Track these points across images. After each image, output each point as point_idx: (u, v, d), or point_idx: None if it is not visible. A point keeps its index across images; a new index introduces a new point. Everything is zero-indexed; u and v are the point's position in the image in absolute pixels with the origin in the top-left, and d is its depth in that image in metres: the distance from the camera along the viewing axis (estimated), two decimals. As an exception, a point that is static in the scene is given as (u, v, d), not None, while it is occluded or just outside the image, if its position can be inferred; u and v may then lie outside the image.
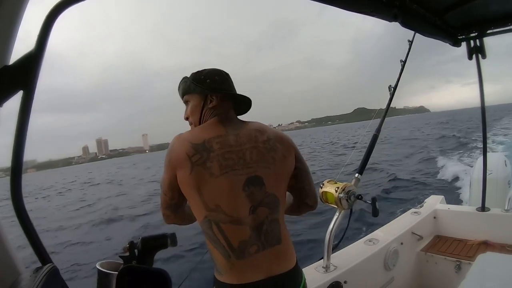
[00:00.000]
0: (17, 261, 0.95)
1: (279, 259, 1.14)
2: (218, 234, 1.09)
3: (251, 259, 1.09)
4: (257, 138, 1.17)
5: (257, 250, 1.10)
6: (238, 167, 1.11)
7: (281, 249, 1.15)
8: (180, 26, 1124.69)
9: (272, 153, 1.16)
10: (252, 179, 1.11)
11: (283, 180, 1.20)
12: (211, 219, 1.09)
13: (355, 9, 1.52)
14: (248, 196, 1.11)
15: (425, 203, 3.27)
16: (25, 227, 0.96)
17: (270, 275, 1.11)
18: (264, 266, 1.11)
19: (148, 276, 0.93)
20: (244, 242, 1.09)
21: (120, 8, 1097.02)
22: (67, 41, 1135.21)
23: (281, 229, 1.17)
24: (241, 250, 1.09)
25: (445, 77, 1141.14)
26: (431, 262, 2.67)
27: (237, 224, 1.09)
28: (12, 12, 0.83)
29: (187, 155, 1.09)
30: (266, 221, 1.13)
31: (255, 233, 1.10)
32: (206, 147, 1.10)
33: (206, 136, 1.13)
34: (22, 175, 0.95)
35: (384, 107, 2.60)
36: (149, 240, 1.07)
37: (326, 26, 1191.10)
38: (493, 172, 3.86)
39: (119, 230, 10.19)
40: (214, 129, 1.16)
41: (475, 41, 2.60)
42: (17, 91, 0.89)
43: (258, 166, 1.13)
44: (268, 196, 1.13)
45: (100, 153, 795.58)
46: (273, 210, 1.15)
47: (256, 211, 1.11)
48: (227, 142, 1.13)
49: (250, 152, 1.14)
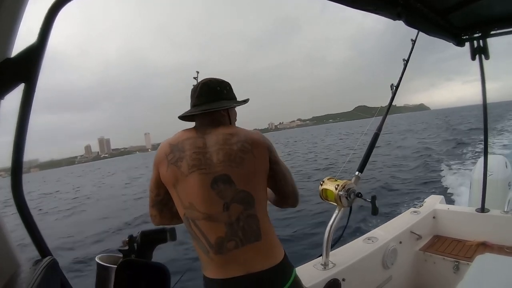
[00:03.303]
0: (16, 253, 0.95)
1: (259, 256, 1.17)
2: (196, 231, 1.17)
3: (229, 254, 1.14)
4: (226, 140, 1.22)
5: (236, 246, 1.15)
6: (204, 166, 1.18)
7: (262, 245, 1.18)
8: (182, 24, 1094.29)
9: (241, 153, 1.21)
10: (219, 178, 1.17)
11: (256, 178, 1.23)
12: (188, 216, 1.17)
13: (359, 7, 1.51)
14: (218, 193, 1.16)
15: (424, 203, 3.27)
16: (25, 220, 0.96)
17: (250, 271, 1.15)
18: (243, 262, 1.15)
19: (147, 270, 0.93)
20: (220, 238, 1.14)
21: (122, 5, 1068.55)
22: (68, 39, 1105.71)
23: (261, 225, 1.20)
24: (219, 245, 1.14)
25: (446, 74, 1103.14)
26: (430, 262, 2.68)
27: (211, 220, 1.15)
28: (14, 4, 0.82)
29: (165, 154, 1.22)
30: (241, 217, 1.16)
31: (231, 229, 1.15)
32: (179, 147, 1.21)
33: (181, 138, 1.24)
34: (22, 168, 0.95)
35: (384, 105, 2.59)
36: (148, 234, 1.07)
37: (328, 23, 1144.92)
38: (493, 174, 3.85)
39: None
40: (189, 133, 1.27)
41: (479, 41, 2.58)
42: (19, 83, 0.89)
43: (225, 166, 1.18)
44: (239, 193, 1.17)
45: (103, 152, 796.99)
46: (247, 206, 1.18)
47: (230, 207, 1.16)
48: (196, 144, 1.21)
49: (217, 154, 1.20)
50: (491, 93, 2.77)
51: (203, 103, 1.29)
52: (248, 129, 1.31)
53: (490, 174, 3.25)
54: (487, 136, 2.94)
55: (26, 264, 0.93)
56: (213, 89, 1.32)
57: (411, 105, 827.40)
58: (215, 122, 1.29)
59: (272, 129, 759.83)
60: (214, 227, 1.15)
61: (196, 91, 1.32)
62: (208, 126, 1.27)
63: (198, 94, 1.31)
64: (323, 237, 2.02)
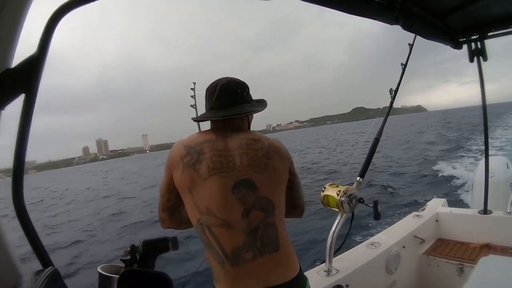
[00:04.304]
0: (18, 263, 0.95)
1: (277, 268, 1.10)
2: (211, 239, 1.08)
3: (246, 266, 1.07)
4: (250, 145, 1.17)
5: (253, 257, 1.07)
6: (226, 170, 1.11)
7: (280, 256, 1.12)
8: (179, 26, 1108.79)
9: (265, 159, 1.16)
10: (242, 182, 1.11)
11: (278, 187, 1.19)
12: (203, 222, 1.09)
13: (356, 13, 1.52)
14: (239, 199, 1.09)
15: (427, 206, 3.26)
16: (26, 230, 0.96)
17: (267, 285, 1.07)
18: (260, 275, 1.08)
19: (149, 280, 0.93)
20: (237, 248, 1.07)
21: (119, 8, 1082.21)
22: (65, 40, 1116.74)
23: (280, 234, 1.14)
24: (235, 256, 1.06)
25: (443, 76, 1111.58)
26: (433, 266, 2.66)
27: (229, 228, 1.07)
28: (14, 15, 0.83)
29: (180, 156, 1.14)
30: (261, 225, 1.10)
31: (249, 238, 1.08)
32: (197, 149, 1.14)
33: (199, 140, 1.17)
34: (23, 178, 0.95)
35: (382, 106, 2.60)
36: (150, 243, 1.07)
37: (325, 26, 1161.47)
38: (495, 175, 3.85)
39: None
40: (207, 135, 1.20)
41: (476, 43, 2.60)
42: (19, 94, 0.89)
43: (248, 170, 1.13)
44: (261, 200, 1.12)
45: (101, 153, 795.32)
46: (268, 213, 1.12)
47: (250, 214, 1.09)
48: (216, 146, 1.15)
49: (240, 157, 1.14)
50: (488, 95, 2.78)
51: (223, 107, 1.22)
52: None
53: (491, 175, 3.25)
54: (488, 137, 2.94)
55: (27, 274, 0.93)
56: (233, 91, 1.24)
57: (408, 107, 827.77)
58: (235, 126, 1.24)
59: (270, 130, 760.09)
60: (231, 235, 1.07)
61: (214, 93, 1.24)
62: (227, 130, 1.21)
63: (217, 97, 1.23)
64: (326, 244, 2.00)
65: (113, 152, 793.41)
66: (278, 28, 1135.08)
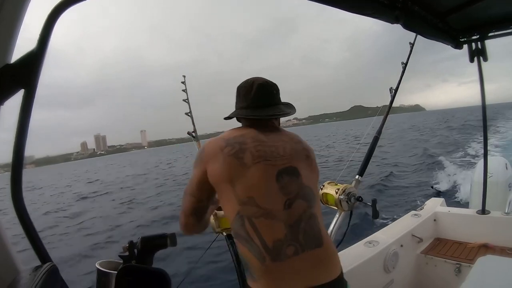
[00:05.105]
0: (16, 259, 0.95)
1: (320, 266, 1.05)
2: (251, 231, 1.02)
3: (288, 262, 1.01)
4: (288, 140, 1.21)
5: (295, 252, 1.02)
6: (270, 158, 1.10)
7: (322, 253, 1.06)
8: (179, 23, 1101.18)
9: (306, 152, 1.20)
10: (286, 170, 1.10)
11: (316, 180, 1.21)
12: (244, 214, 1.04)
13: (357, 11, 1.52)
14: (282, 188, 1.07)
15: (425, 206, 3.27)
16: (25, 226, 0.96)
17: (310, 284, 1.01)
18: (303, 273, 1.01)
19: (147, 276, 0.93)
20: (279, 241, 1.01)
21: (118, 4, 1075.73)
22: (64, 36, 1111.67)
23: (321, 227, 1.11)
24: (276, 251, 1.00)
25: (442, 76, 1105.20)
26: (431, 265, 2.67)
27: (270, 218, 1.03)
28: (14, 10, 0.83)
29: (219, 147, 1.11)
30: (304, 217, 1.06)
31: (291, 231, 1.03)
32: (238, 140, 1.12)
33: (237, 134, 1.16)
34: (22, 174, 0.95)
35: (381, 105, 2.60)
36: (148, 240, 1.07)
37: (324, 24, 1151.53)
38: (493, 175, 3.85)
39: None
40: (243, 130, 1.20)
41: (477, 43, 2.60)
42: (19, 89, 0.89)
43: (292, 159, 1.13)
44: (304, 188, 1.11)
45: (99, 149, 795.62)
46: (310, 203, 1.10)
47: (292, 205, 1.06)
48: (258, 138, 1.15)
49: (283, 147, 1.15)
50: (487, 95, 2.79)
51: (260, 106, 1.22)
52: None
53: (490, 175, 3.26)
54: (487, 137, 2.94)
55: (26, 270, 0.93)
56: (270, 92, 1.26)
57: (407, 106, 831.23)
58: (269, 126, 1.25)
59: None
60: (272, 227, 1.02)
61: (250, 92, 1.23)
62: (262, 129, 1.21)
63: (255, 96, 1.22)
64: None
65: (111, 147, 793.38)
66: (278, 26, 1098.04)
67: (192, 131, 2.00)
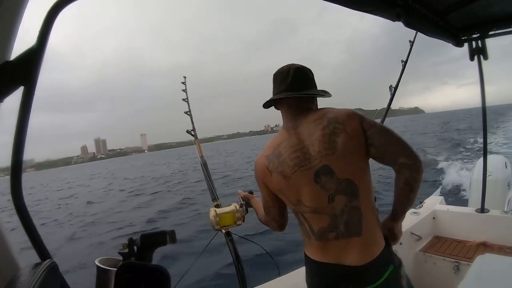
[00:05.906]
0: (16, 256, 0.95)
1: (353, 250, 1.17)
2: (302, 220, 1.25)
3: (328, 243, 1.19)
4: (317, 126, 1.21)
5: (336, 237, 1.18)
6: (304, 163, 1.19)
7: (360, 241, 1.17)
8: (178, 25, 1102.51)
9: (334, 137, 1.17)
10: (320, 170, 1.17)
11: (355, 162, 1.17)
12: (297, 211, 1.25)
13: (357, 8, 1.51)
14: (322, 186, 1.17)
15: (424, 204, 3.27)
16: (24, 223, 0.96)
17: (341, 262, 1.17)
18: (338, 253, 1.18)
19: (147, 273, 0.93)
20: (323, 228, 1.19)
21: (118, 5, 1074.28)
22: (64, 38, 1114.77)
23: (364, 219, 1.17)
24: (320, 234, 1.20)
25: (441, 78, 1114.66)
26: (430, 263, 2.67)
27: (317, 213, 1.19)
28: (13, 7, 0.82)
29: (265, 166, 1.28)
30: (345, 210, 1.16)
31: (334, 221, 1.17)
32: (276, 154, 1.26)
33: (274, 145, 1.29)
34: (22, 171, 0.95)
35: (380, 108, 2.60)
36: (148, 236, 1.07)
37: (324, 26, 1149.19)
38: (493, 174, 3.86)
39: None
40: (279, 137, 1.30)
41: (477, 42, 2.59)
42: (18, 86, 0.89)
43: (323, 156, 1.17)
44: (341, 183, 1.16)
45: (99, 152, 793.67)
46: (351, 196, 1.16)
47: (334, 199, 1.16)
48: (290, 144, 1.23)
49: (312, 146, 1.20)
50: (487, 96, 2.78)
51: (297, 89, 1.27)
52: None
53: (489, 174, 3.26)
54: (487, 136, 2.94)
55: (25, 267, 0.93)
56: (307, 75, 1.32)
57: (406, 108, 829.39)
58: (306, 109, 1.29)
59: (268, 131, 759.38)
60: (319, 219, 1.19)
61: (288, 76, 1.29)
62: (298, 115, 1.28)
63: (293, 79, 1.28)
64: None
65: (111, 151, 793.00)
66: (278, 27, 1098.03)
67: (191, 129, 2.01)
